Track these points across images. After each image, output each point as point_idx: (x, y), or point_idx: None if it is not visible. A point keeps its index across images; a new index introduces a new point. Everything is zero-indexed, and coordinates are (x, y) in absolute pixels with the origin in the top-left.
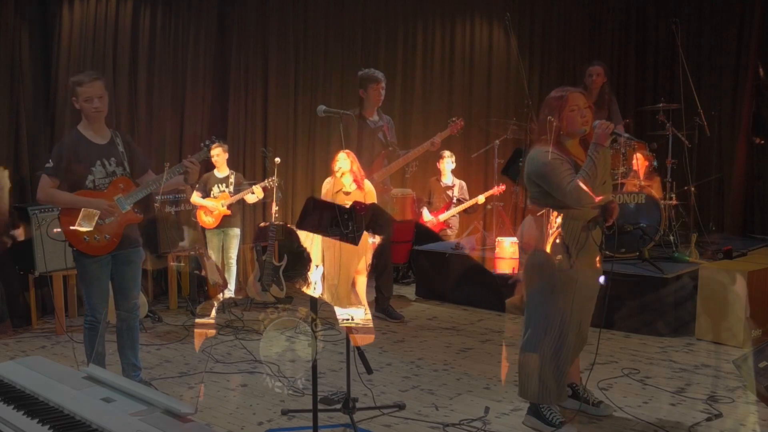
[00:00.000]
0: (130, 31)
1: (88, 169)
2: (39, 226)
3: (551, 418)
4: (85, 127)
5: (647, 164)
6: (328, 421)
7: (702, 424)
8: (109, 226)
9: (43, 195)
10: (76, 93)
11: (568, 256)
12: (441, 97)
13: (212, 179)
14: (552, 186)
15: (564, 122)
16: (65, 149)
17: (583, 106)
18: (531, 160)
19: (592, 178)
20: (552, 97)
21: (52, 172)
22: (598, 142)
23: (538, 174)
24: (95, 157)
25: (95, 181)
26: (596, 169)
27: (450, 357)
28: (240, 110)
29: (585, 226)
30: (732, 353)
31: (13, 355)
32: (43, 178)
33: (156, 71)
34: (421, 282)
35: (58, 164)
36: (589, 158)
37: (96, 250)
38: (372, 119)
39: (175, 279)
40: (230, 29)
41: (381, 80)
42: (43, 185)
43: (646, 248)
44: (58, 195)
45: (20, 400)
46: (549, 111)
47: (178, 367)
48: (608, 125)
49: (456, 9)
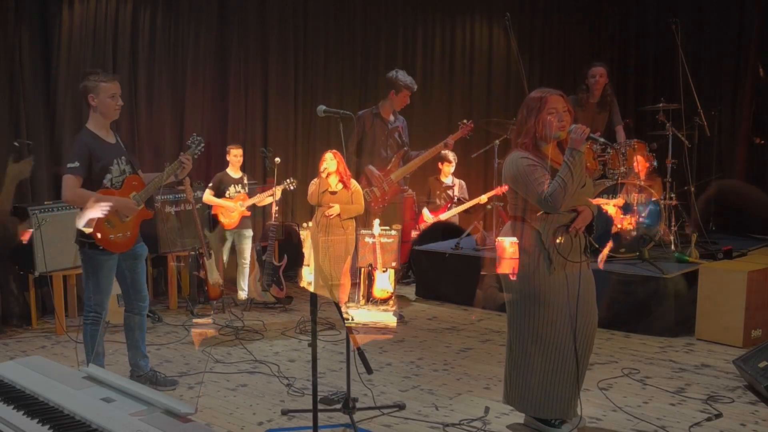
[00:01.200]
0: (130, 31)
1: (107, 168)
2: (39, 226)
3: (551, 420)
4: (96, 126)
5: (647, 164)
6: (328, 421)
7: (702, 424)
8: (128, 223)
9: (72, 195)
10: (97, 90)
11: (548, 262)
12: (441, 97)
13: (226, 179)
14: (527, 192)
15: (540, 125)
16: (88, 148)
17: (561, 109)
18: (507, 165)
19: (567, 184)
20: (531, 97)
21: (77, 171)
22: (573, 147)
23: (513, 179)
24: (112, 156)
25: (112, 179)
26: (572, 175)
27: (450, 357)
28: (240, 110)
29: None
30: (732, 353)
31: (13, 355)
32: (69, 178)
33: (156, 71)
34: (421, 282)
35: (83, 163)
36: (564, 164)
37: (119, 247)
38: (389, 120)
39: (175, 279)
40: (230, 29)
41: (413, 89)
42: (70, 185)
43: (646, 248)
44: (85, 195)
45: (20, 400)
46: (527, 111)
47: (178, 367)
48: (584, 130)
49: (456, 9)
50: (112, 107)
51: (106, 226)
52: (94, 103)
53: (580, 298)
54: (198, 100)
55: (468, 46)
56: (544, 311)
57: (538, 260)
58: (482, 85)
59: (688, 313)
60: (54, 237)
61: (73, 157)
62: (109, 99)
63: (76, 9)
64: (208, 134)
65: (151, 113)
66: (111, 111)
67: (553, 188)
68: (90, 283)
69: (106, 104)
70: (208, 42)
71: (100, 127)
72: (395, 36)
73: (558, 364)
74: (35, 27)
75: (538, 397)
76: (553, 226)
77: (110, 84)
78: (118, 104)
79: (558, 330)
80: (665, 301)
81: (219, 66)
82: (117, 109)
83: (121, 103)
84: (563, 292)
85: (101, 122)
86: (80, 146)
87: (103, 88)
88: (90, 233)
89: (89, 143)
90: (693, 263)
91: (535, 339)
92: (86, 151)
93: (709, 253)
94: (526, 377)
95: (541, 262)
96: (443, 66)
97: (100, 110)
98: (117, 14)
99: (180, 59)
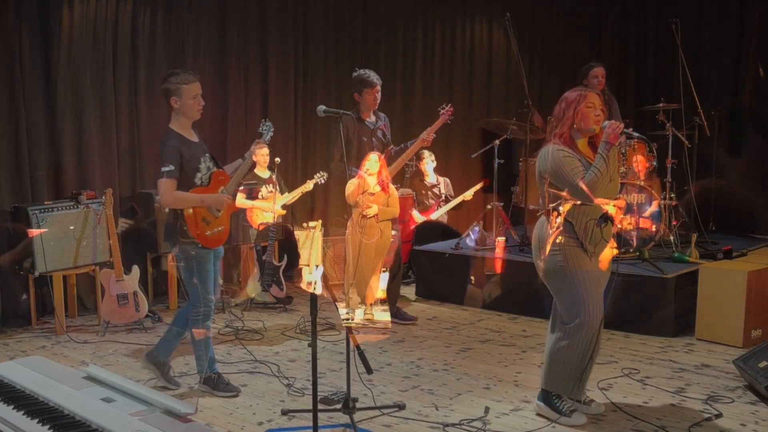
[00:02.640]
0: (131, 31)
1: (197, 167)
2: (39, 226)
3: (561, 407)
4: (180, 127)
5: (647, 164)
6: (328, 421)
7: (702, 424)
8: (221, 218)
9: (171, 199)
10: (180, 92)
11: (584, 250)
12: (441, 98)
13: (256, 180)
14: (563, 182)
15: (579, 117)
16: (178, 150)
17: (598, 105)
18: (543, 157)
19: (603, 175)
20: (571, 92)
21: (172, 174)
22: (608, 141)
23: (550, 170)
24: (198, 154)
25: (201, 177)
26: (607, 167)
27: (450, 357)
28: (240, 110)
29: (597, 222)
30: (732, 353)
31: (13, 355)
32: (166, 182)
33: (156, 71)
34: (421, 282)
35: (177, 165)
36: (599, 156)
37: (215, 243)
38: (369, 120)
39: (175, 279)
40: (230, 29)
41: (376, 84)
42: (167, 189)
43: (646, 248)
44: (183, 197)
45: (20, 400)
46: (566, 105)
47: (178, 367)
48: (618, 125)
49: (456, 9)
50: (195, 108)
51: (202, 224)
52: (177, 106)
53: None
54: None
55: (468, 46)
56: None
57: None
58: (482, 85)
59: (688, 313)
60: (54, 237)
61: (165, 160)
62: (191, 100)
63: (76, 9)
64: (208, 134)
65: (152, 113)
66: (194, 112)
67: (590, 178)
68: (197, 279)
69: (188, 106)
70: (208, 42)
71: (183, 128)
72: (395, 36)
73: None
74: (35, 27)
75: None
76: (585, 217)
77: (192, 86)
78: (201, 104)
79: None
80: (665, 301)
81: (219, 66)
82: (199, 110)
83: (202, 102)
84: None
85: (184, 123)
86: (171, 149)
87: (185, 90)
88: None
89: (178, 145)
90: (693, 263)
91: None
92: (177, 153)
93: (709, 253)
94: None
95: (578, 250)
96: (443, 66)
97: (183, 112)
98: (117, 14)
99: (180, 59)
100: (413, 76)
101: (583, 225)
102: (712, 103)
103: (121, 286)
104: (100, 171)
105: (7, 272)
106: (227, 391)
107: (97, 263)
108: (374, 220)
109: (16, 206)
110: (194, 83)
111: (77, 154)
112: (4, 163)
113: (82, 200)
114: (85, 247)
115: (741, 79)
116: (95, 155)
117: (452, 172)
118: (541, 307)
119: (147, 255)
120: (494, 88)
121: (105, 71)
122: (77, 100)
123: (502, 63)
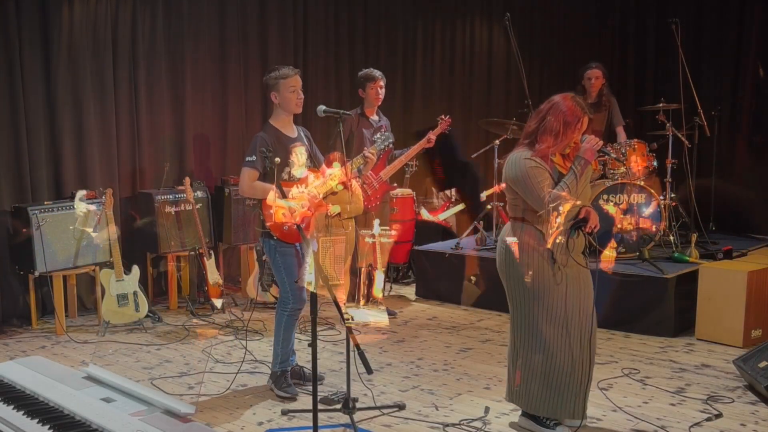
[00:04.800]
0: (131, 30)
1: (286, 161)
2: (39, 226)
3: (545, 422)
4: (278, 121)
5: (647, 165)
6: (328, 421)
7: (702, 424)
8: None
9: (247, 188)
10: (278, 87)
11: (552, 261)
12: (441, 98)
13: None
14: (528, 194)
15: (565, 141)
16: (266, 143)
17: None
18: (510, 165)
19: (570, 191)
20: (571, 109)
21: (254, 165)
22: (584, 157)
23: (515, 179)
24: (291, 149)
25: (290, 172)
26: (576, 183)
27: (450, 357)
28: (240, 110)
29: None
30: (732, 353)
31: (13, 355)
32: (246, 171)
33: (156, 71)
34: (421, 282)
35: (259, 157)
36: (571, 171)
37: (293, 238)
38: (373, 118)
39: (175, 279)
40: (230, 29)
41: (379, 78)
42: (246, 178)
43: (646, 248)
44: (259, 187)
45: (20, 400)
46: (564, 123)
47: (178, 367)
48: (597, 142)
49: (456, 9)
50: (293, 101)
51: (281, 217)
52: (277, 101)
53: (579, 298)
54: (198, 99)
55: (468, 46)
56: (546, 310)
57: (540, 260)
58: (482, 85)
59: (688, 313)
60: (54, 237)
61: (250, 151)
62: (289, 94)
63: (76, 9)
64: (208, 134)
65: (152, 112)
66: (292, 105)
67: (555, 193)
68: (284, 274)
69: (287, 99)
70: (208, 42)
71: (282, 122)
72: (395, 36)
73: (558, 363)
74: (35, 27)
75: (537, 394)
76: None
77: (290, 79)
78: (299, 98)
79: (558, 329)
80: (665, 301)
81: (219, 66)
82: (298, 103)
83: (301, 96)
84: (563, 292)
85: (283, 117)
86: (259, 140)
87: (283, 85)
88: (264, 221)
89: (269, 138)
90: (693, 263)
91: (536, 336)
92: (263, 145)
93: (709, 253)
94: (526, 374)
95: (544, 262)
96: (443, 66)
97: (282, 106)
98: (117, 14)
99: (180, 59)
100: (413, 76)
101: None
102: (712, 103)
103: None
104: (100, 171)
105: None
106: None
107: (97, 263)
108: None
109: (16, 206)
110: (293, 77)
111: (77, 155)
112: (4, 163)
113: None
114: (85, 247)
115: (741, 79)
116: (95, 155)
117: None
118: None
119: (147, 255)
120: (494, 88)
121: (105, 71)
122: (77, 100)
123: (502, 63)
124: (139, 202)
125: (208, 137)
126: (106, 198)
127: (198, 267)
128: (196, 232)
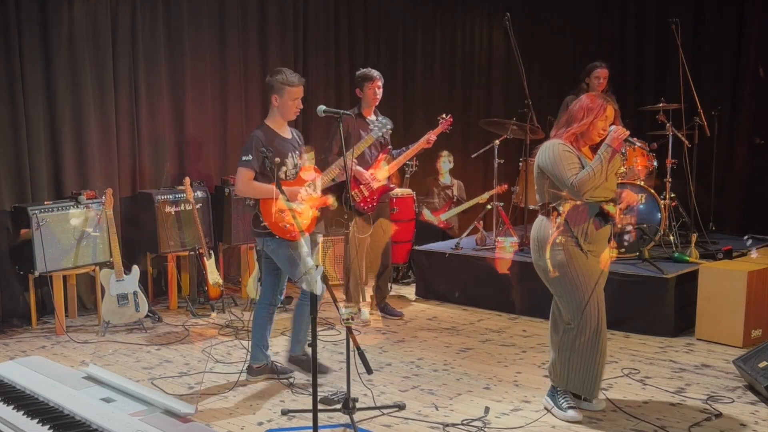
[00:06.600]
0: (131, 30)
1: (283, 161)
2: (39, 226)
3: (561, 403)
4: (273, 122)
5: (647, 165)
6: (328, 421)
7: (702, 424)
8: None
9: (243, 187)
10: (282, 92)
11: (581, 250)
12: (441, 98)
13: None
14: (556, 175)
15: (591, 128)
16: (263, 143)
17: (611, 119)
18: (543, 150)
19: (596, 175)
20: (594, 99)
21: (249, 165)
22: (611, 145)
23: (546, 162)
24: (287, 150)
25: (287, 172)
26: (602, 168)
27: (450, 357)
28: (240, 109)
29: (595, 221)
30: (732, 353)
31: (13, 355)
32: (242, 171)
33: (156, 71)
34: (421, 282)
35: (257, 157)
36: (598, 156)
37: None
38: (370, 118)
39: (175, 279)
40: (230, 29)
41: (376, 78)
42: (242, 178)
43: (646, 248)
44: (257, 186)
45: (20, 400)
46: (587, 111)
47: (178, 367)
48: (624, 131)
49: (456, 9)
50: (293, 110)
51: (278, 215)
52: (276, 104)
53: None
54: (198, 99)
55: (468, 46)
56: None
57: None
58: (482, 85)
59: (688, 313)
60: (54, 237)
61: (246, 151)
62: (291, 102)
63: (76, 9)
64: (208, 134)
65: (152, 112)
66: (290, 113)
67: (582, 175)
68: (289, 270)
69: (287, 107)
70: (208, 42)
71: (277, 124)
72: (395, 36)
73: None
74: (35, 27)
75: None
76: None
77: (295, 89)
78: (298, 108)
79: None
80: (665, 301)
81: (219, 66)
82: (296, 112)
83: (301, 106)
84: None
85: (279, 120)
86: (255, 141)
87: (287, 92)
88: (261, 220)
89: (266, 138)
90: (693, 263)
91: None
92: (259, 146)
93: (709, 253)
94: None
95: (576, 250)
96: (443, 66)
97: (280, 111)
98: (117, 14)
99: (180, 59)
100: (413, 76)
101: (580, 224)
102: (712, 103)
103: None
104: (100, 171)
105: (7, 272)
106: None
107: (97, 263)
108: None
109: (16, 206)
110: (298, 87)
111: (77, 154)
112: (4, 163)
113: (82, 200)
114: (85, 247)
115: (741, 80)
116: (95, 155)
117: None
118: (541, 307)
119: (147, 255)
120: (494, 88)
121: (105, 71)
122: (77, 100)
123: (501, 63)
124: (139, 202)
125: (208, 137)
126: (106, 198)
127: (198, 267)
128: (196, 232)
